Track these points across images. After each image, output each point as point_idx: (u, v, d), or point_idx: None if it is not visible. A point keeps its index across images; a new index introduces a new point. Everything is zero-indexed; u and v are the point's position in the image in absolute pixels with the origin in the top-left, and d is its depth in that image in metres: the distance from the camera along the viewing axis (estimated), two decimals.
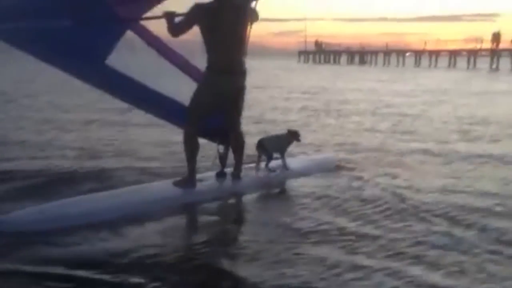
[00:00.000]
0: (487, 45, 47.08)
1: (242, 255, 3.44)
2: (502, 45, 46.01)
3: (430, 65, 50.26)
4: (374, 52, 60.85)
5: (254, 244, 3.62)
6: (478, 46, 48.88)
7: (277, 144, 5.34)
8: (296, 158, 5.86)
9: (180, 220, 4.23)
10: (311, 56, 69.16)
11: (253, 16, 4.58)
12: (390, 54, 57.74)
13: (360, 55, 62.63)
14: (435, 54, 52.58)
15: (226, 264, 3.30)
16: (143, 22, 4.68)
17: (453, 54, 50.32)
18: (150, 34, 4.76)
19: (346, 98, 14.69)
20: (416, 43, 60.39)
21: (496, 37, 46.06)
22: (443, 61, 50.55)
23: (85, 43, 4.12)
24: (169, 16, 4.30)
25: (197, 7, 4.36)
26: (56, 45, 4.14)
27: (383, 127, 9.25)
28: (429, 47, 55.64)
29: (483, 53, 48.33)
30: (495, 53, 45.77)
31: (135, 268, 3.16)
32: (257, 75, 23.39)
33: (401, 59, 55.72)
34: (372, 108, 12.35)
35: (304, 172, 5.39)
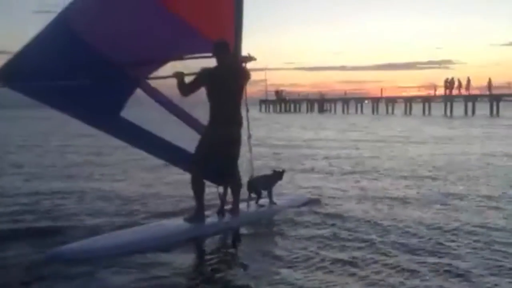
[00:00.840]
0: (442, 91, 48.73)
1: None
2: (455, 91, 47.68)
3: (387, 112, 51.46)
4: (333, 100, 62.09)
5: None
6: (433, 92, 50.55)
7: (265, 183, 6.16)
8: (280, 196, 6.55)
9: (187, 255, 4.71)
10: (271, 105, 69.93)
11: (246, 76, 5.61)
12: (348, 102, 58.99)
13: (320, 103, 63.83)
14: (391, 101, 53.97)
15: None
16: (150, 81, 5.47)
17: (409, 101, 51.73)
18: (157, 91, 5.50)
19: (304, 152, 14.60)
20: (373, 90, 61.86)
21: (449, 83, 47.69)
22: (400, 107, 51.85)
23: (102, 99, 5.06)
24: (179, 76, 5.27)
25: (203, 72, 5.34)
26: (79, 102, 5.02)
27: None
28: (386, 94, 57.14)
29: (438, 99, 49.89)
30: (448, 99, 47.30)
31: None
32: None
33: (359, 106, 56.96)
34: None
35: (288, 206, 6.28)
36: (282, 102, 68.68)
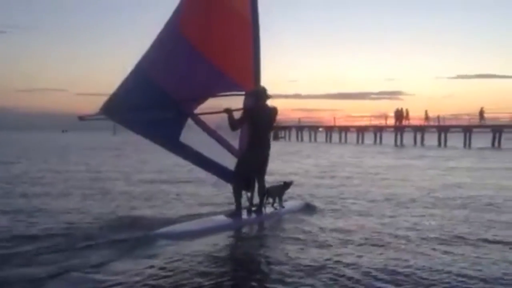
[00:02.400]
0: (393, 121, 49.99)
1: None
2: (405, 122, 49.07)
3: (340, 141, 52.35)
4: (288, 128, 62.64)
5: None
6: (384, 122, 51.75)
7: (277, 191, 8.32)
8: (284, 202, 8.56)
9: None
10: None
11: (276, 113, 7.82)
12: (302, 130, 59.61)
13: (275, 130, 64.19)
14: (344, 130, 54.98)
15: None
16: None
17: (361, 130, 52.82)
18: (203, 122, 7.56)
19: None
20: (327, 119, 62.71)
21: (399, 114, 49.04)
22: (353, 136, 52.85)
23: (171, 128, 7.26)
24: (228, 111, 7.26)
25: (249, 111, 7.44)
26: (155, 130, 7.22)
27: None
28: (339, 123, 58.17)
29: (388, 129, 51.18)
30: (398, 129, 48.61)
31: None
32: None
33: (313, 134, 57.69)
34: None
35: (290, 210, 8.46)
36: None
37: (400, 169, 18.45)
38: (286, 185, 8.46)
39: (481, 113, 44.87)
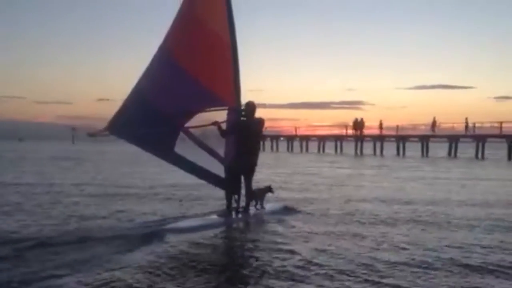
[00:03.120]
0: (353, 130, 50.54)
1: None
2: (365, 131, 49.70)
3: (301, 150, 52.58)
4: None
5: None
6: (345, 131, 52.22)
7: (260, 194, 9.49)
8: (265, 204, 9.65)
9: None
10: None
11: (263, 124, 9.18)
12: (264, 139, 59.46)
13: None
14: (305, 139, 55.25)
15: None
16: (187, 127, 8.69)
17: (322, 140, 53.20)
18: (192, 134, 8.75)
19: None
20: (288, 128, 62.91)
21: (359, 123, 49.62)
22: (314, 146, 53.17)
23: (166, 141, 8.40)
24: (217, 124, 8.51)
25: (239, 123, 8.76)
26: (153, 143, 8.36)
27: None
28: (300, 132, 58.41)
29: (349, 138, 51.73)
30: (358, 139, 49.21)
31: None
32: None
33: (275, 143, 57.74)
34: None
35: (271, 211, 9.57)
36: None
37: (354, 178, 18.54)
38: (268, 188, 9.65)
39: (433, 123, 45.97)
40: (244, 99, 8.91)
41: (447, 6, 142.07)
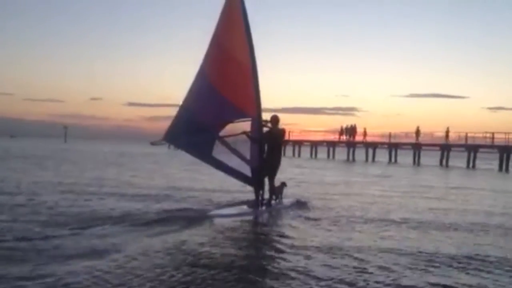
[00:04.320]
0: (343, 136, 50.42)
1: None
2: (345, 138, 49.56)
3: (294, 155, 52.43)
4: None
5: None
6: (337, 137, 52.05)
7: (279, 190, 11.40)
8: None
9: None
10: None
11: (285, 134, 11.71)
12: None
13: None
14: (298, 144, 55.06)
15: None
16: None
17: (315, 145, 53.06)
18: (227, 142, 10.87)
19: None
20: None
21: (349, 130, 49.59)
22: (306, 151, 53.04)
23: (205, 148, 10.76)
24: (245, 133, 10.70)
25: (267, 132, 10.84)
26: (200, 150, 10.87)
27: None
28: (293, 137, 58.15)
29: (341, 144, 51.64)
30: (350, 145, 49.17)
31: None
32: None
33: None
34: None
35: (287, 204, 11.59)
36: None
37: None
38: (284, 184, 11.68)
39: (417, 132, 46.05)
40: None
41: (443, 15, 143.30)
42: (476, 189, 18.72)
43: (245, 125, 10.96)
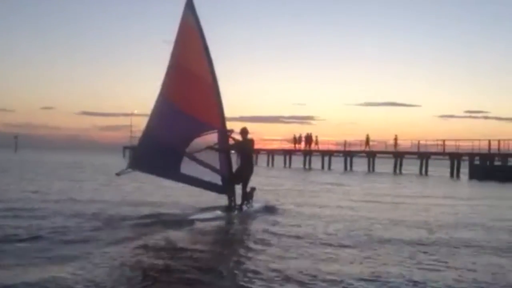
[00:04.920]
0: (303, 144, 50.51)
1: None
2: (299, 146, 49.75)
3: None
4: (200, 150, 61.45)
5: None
6: (294, 146, 52.11)
7: (250, 194, 12.12)
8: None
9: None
10: None
11: (253, 143, 12.38)
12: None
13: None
14: (255, 153, 54.76)
15: None
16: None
17: (271, 153, 52.96)
18: (194, 156, 11.30)
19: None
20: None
21: (306, 138, 49.75)
22: (263, 159, 52.86)
23: (174, 164, 11.24)
24: (210, 147, 11.38)
25: (237, 143, 11.77)
26: (164, 170, 11.50)
27: None
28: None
29: (298, 153, 51.75)
30: (307, 154, 49.33)
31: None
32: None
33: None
34: None
35: (257, 208, 12.22)
36: None
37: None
38: (253, 189, 12.27)
39: (367, 140, 46.66)
40: None
41: (395, 27, 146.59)
42: (431, 197, 18.84)
43: (211, 137, 11.51)
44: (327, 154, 48.43)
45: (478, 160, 37.18)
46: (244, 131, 11.88)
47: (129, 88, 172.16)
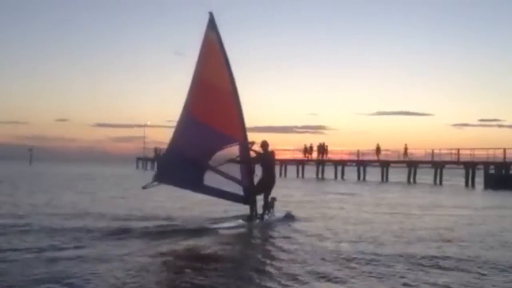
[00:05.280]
0: (314, 155, 50.28)
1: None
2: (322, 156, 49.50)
3: None
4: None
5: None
6: (305, 156, 51.86)
7: (271, 205, 12.64)
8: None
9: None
10: (149, 163, 67.91)
11: (274, 155, 13.40)
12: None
13: None
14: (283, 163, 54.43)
15: None
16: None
17: (284, 164, 52.75)
18: (217, 169, 11.78)
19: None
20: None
21: (319, 148, 49.51)
22: (276, 169, 52.54)
23: (196, 179, 11.75)
24: (232, 160, 11.90)
25: (257, 157, 12.29)
26: (188, 182, 11.99)
27: None
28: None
29: (311, 163, 51.50)
30: (320, 163, 49.09)
31: None
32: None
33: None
34: None
35: (278, 218, 12.83)
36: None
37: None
38: (274, 199, 12.88)
39: (377, 149, 46.41)
40: None
41: (407, 36, 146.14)
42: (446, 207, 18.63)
43: (233, 149, 12.02)
44: (340, 163, 48.19)
45: (493, 169, 36.68)
46: (264, 144, 12.55)
47: (142, 100, 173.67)
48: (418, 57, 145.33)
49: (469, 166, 38.31)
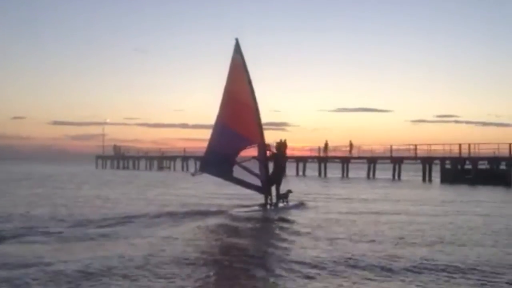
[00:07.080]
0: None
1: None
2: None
3: None
4: (173, 158, 60.97)
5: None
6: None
7: (285, 195, 17.15)
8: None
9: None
10: (109, 161, 66.70)
11: (285, 155, 19.70)
12: (188, 160, 58.01)
13: (159, 160, 62.44)
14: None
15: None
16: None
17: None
18: (242, 165, 16.72)
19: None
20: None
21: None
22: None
23: (228, 171, 16.72)
24: (254, 158, 16.91)
25: (272, 155, 17.37)
26: (222, 172, 17.18)
27: None
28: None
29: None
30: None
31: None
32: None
33: (197, 164, 56.40)
34: None
35: (292, 205, 17.15)
36: (120, 158, 65.80)
37: None
38: (289, 191, 16.87)
39: (325, 146, 47.10)
40: (166, 119, 16.22)
41: (367, 33, 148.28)
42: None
43: (253, 149, 16.42)
44: (302, 160, 48.57)
45: (449, 164, 37.76)
46: (281, 143, 17.58)
47: (100, 97, 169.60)
48: (378, 54, 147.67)
49: (426, 161, 39.40)
